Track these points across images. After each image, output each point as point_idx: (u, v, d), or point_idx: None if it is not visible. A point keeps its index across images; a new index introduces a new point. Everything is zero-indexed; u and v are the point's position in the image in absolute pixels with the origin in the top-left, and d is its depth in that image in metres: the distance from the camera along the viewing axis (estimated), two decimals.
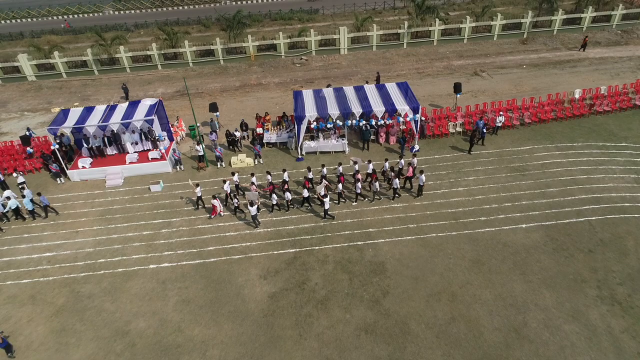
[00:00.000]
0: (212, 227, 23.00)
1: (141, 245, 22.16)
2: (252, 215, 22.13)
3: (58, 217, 24.35)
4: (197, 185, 23.59)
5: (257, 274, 20.16)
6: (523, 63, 39.38)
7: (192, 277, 20.19)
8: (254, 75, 40.43)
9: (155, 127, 27.38)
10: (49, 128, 25.65)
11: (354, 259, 20.56)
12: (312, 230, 22.36)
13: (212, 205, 23.06)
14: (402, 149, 27.40)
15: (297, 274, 20.01)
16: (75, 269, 21.07)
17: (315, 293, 19.04)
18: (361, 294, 18.83)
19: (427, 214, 22.83)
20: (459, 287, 18.85)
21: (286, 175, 23.98)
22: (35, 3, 63.25)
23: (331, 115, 26.36)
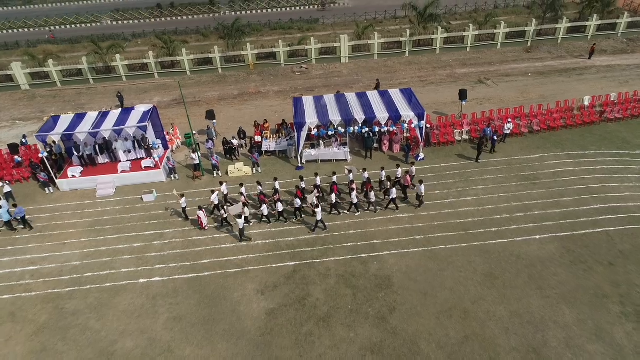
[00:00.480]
0: (207, 238, 21.73)
1: (131, 258, 20.86)
2: (240, 230, 20.85)
3: (45, 228, 23.08)
4: (181, 195, 22.36)
5: (254, 288, 18.83)
6: (528, 71, 38.49)
7: (185, 292, 18.85)
8: (253, 84, 39.50)
9: (149, 134, 26.27)
10: (37, 135, 24.52)
11: (358, 272, 19.26)
12: (313, 241, 21.09)
13: (197, 216, 21.79)
14: (406, 157, 26.26)
15: (297, 288, 18.68)
16: (60, 284, 19.72)
17: (316, 309, 17.70)
18: (366, 311, 17.48)
19: (434, 225, 21.58)
20: (472, 303, 17.51)
21: (277, 184, 22.85)
22: (32, 14, 62.78)
23: (332, 122, 25.27)
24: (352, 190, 21.93)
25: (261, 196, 22.14)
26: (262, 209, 21.74)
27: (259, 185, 22.70)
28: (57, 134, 24.33)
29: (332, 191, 22.49)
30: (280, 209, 21.76)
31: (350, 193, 22.05)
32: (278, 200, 21.89)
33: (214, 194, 22.52)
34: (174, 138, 29.05)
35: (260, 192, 22.39)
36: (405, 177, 22.83)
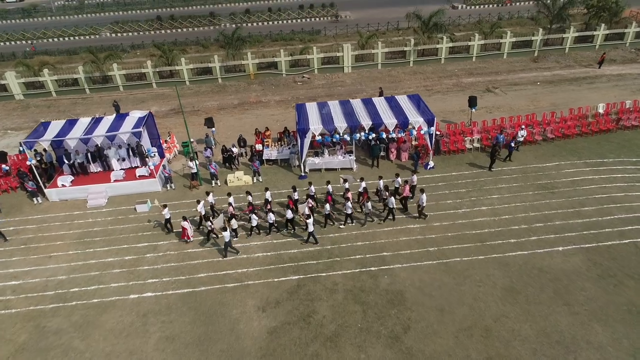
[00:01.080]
0: (204, 251, 20.22)
1: (122, 272, 19.31)
2: (225, 243, 19.33)
3: (30, 240, 21.57)
4: (164, 206, 20.89)
5: (254, 305, 17.25)
6: (537, 80, 37.43)
7: (179, 309, 17.26)
8: (254, 94, 38.38)
9: (144, 141, 24.95)
10: (25, 141, 23.19)
11: (368, 287, 17.70)
12: (318, 254, 19.58)
13: (182, 227, 20.28)
14: (415, 165, 24.90)
15: (302, 305, 17.11)
16: (44, 300, 18.14)
17: (323, 328, 16.10)
18: (378, 329, 15.89)
19: (448, 236, 20.10)
20: (493, 321, 15.93)
21: (268, 194, 21.46)
22: (30, 26, 62.17)
23: (338, 128, 23.97)
24: (347, 200, 20.50)
25: (249, 207, 20.61)
26: (252, 220, 20.28)
27: (248, 195, 21.20)
28: (46, 140, 22.98)
29: (326, 201, 21.03)
30: (271, 220, 20.27)
31: (345, 203, 20.61)
32: (269, 210, 20.44)
33: (200, 203, 21.03)
34: (171, 146, 27.73)
35: (249, 203, 20.90)
36: (404, 187, 21.36)
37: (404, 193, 21.35)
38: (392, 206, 20.52)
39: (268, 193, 21.55)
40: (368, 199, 20.64)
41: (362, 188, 21.40)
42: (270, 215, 20.21)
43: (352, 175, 23.23)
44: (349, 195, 20.85)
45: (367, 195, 20.91)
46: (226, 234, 19.13)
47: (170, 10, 65.93)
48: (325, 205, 20.74)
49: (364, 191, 21.21)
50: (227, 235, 19.16)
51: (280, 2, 68.29)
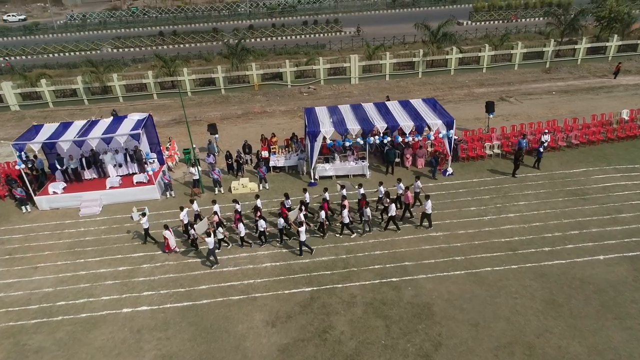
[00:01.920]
0: (206, 261, 18.32)
1: (114, 284, 17.39)
2: (209, 250, 17.48)
3: (15, 250, 19.71)
4: (143, 214, 19.10)
5: (262, 319, 15.30)
6: (551, 90, 36.14)
7: (178, 324, 15.30)
8: (258, 104, 37.02)
9: (143, 146, 23.34)
10: (14, 143, 21.58)
11: (390, 299, 15.78)
12: (332, 264, 17.70)
13: (164, 237, 18.41)
14: (433, 171, 23.26)
15: (316, 319, 15.16)
16: (26, 315, 16.17)
17: (342, 345, 14.13)
18: (404, 346, 13.92)
19: (475, 244, 18.26)
20: (536, 337, 13.97)
21: (259, 202, 19.76)
22: (30, 42, 61.54)
23: (350, 131, 22.40)
24: (344, 208, 18.68)
25: (237, 215, 18.74)
26: (240, 230, 18.44)
27: (235, 203, 19.36)
28: (37, 142, 21.37)
29: (321, 208, 19.16)
30: (261, 228, 18.43)
31: (342, 211, 18.76)
32: (260, 217, 18.61)
33: (183, 210, 19.19)
34: (173, 153, 26.09)
35: (236, 211, 19.00)
36: (406, 195, 19.54)
37: (407, 200, 19.55)
38: (393, 213, 18.72)
39: (258, 201, 19.82)
40: (366, 205, 18.83)
41: (360, 194, 19.56)
42: (261, 222, 18.38)
43: (350, 182, 21.63)
44: (346, 203, 19.02)
45: (364, 202, 19.05)
46: (210, 240, 17.25)
47: (172, 28, 65.39)
48: (320, 212, 18.90)
49: (362, 197, 19.35)
50: (210, 242, 17.28)
51: (283, 19, 67.95)
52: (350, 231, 19.15)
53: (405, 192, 19.60)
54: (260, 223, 18.38)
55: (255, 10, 74.39)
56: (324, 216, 18.87)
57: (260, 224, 18.38)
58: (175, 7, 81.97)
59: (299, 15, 69.25)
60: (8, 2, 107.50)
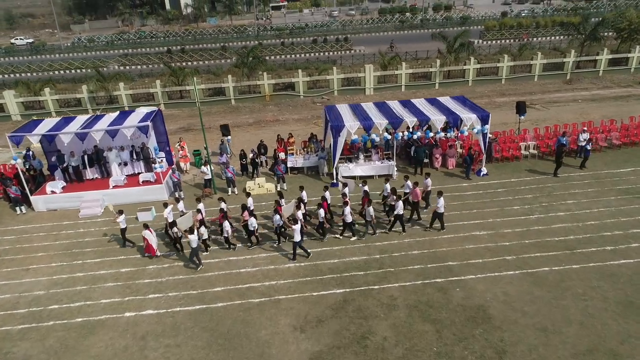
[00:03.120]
0: (220, 262, 16.14)
1: (116, 286, 15.16)
2: (192, 250, 15.37)
3: (5, 252, 17.57)
4: (120, 212, 16.84)
5: (289, 324, 13.02)
6: (576, 99, 34.56)
7: (189, 330, 13.01)
8: (270, 113, 35.44)
9: (151, 143, 21.51)
10: (12, 135, 19.75)
11: (437, 302, 13.52)
12: (365, 264, 15.50)
13: (144, 238, 16.16)
14: (467, 170, 21.29)
15: (353, 324, 12.87)
16: (11, 320, 13.90)
17: (386, 353, 11.81)
18: (461, 354, 11.60)
19: (525, 244, 16.08)
20: (619, 343, 11.66)
21: (250, 200, 17.67)
22: (36, 60, 60.91)
23: (377, 125, 20.57)
24: (346, 205, 16.48)
25: (220, 214, 16.57)
26: (226, 228, 16.24)
27: (222, 202, 17.29)
28: (36, 134, 19.56)
29: (319, 207, 16.87)
30: (253, 226, 16.21)
31: (344, 208, 16.54)
32: (250, 214, 16.44)
33: (167, 207, 17.08)
34: (188, 154, 24.19)
35: (221, 210, 16.86)
36: (414, 191, 17.40)
37: (415, 197, 17.44)
38: (400, 212, 16.58)
39: (250, 199, 17.73)
40: (369, 203, 16.66)
41: (363, 191, 17.46)
42: (252, 221, 16.21)
43: (354, 181, 19.73)
44: (348, 199, 16.95)
45: (367, 199, 16.80)
46: (193, 238, 15.16)
47: (180, 47, 64.88)
48: (318, 211, 16.72)
49: (365, 195, 17.15)
50: (194, 240, 15.19)
51: (292, 40, 67.52)
52: (351, 233, 16.96)
53: (413, 189, 17.53)
54: (251, 221, 16.18)
55: (263, 32, 74.27)
56: (323, 215, 16.67)
57: (251, 222, 16.16)
58: (183, 30, 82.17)
59: (308, 36, 68.87)
60: (17, 29, 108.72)
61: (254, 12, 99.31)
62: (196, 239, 15.33)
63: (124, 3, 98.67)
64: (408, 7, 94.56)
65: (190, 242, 15.32)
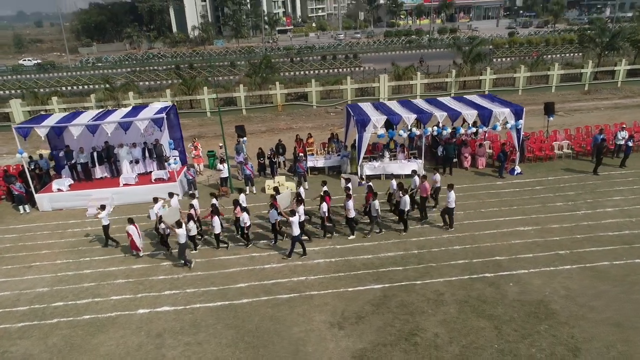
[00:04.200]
0: (242, 257, 14.69)
1: (127, 283, 13.68)
2: (180, 247, 13.88)
3: (6, 250, 16.14)
4: (102, 207, 15.38)
5: (324, 320, 11.49)
6: (598, 107, 33.58)
7: (211, 327, 11.48)
8: (283, 122, 34.48)
9: (165, 140, 20.35)
10: (18, 126, 18.64)
11: (490, 297, 12.01)
12: (403, 260, 14.03)
13: (127, 234, 14.65)
14: (501, 169, 20.00)
15: (397, 320, 11.34)
16: (11, 317, 12.38)
17: (440, 350, 10.26)
18: (529, 351, 10.04)
19: (577, 238, 14.64)
20: None
21: (242, 197, 16.26)
22: (44, 77, 60.62)
23: (405, 119, 19.42)
24: (349, 199, 15.05)
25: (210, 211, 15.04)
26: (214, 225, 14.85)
27: (213, 198, 15.95)
28: (45, 126, 18.41)
29: (322, 201, 15.37)
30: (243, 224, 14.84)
31: (347, 202, 15.05)
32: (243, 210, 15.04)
33: (158, 203, 15.69)
34: (201, 154, 23.05)
35: (212, 205, 15.28)
36: (423, 185, 16.02)
37: (423, 192, 16.03)
38: (406, 208, 15.13)
39: (242, 195, 16.30)
40: (375, 197, 15.28)
41: (367, 187, 16.08)
42: (244, 216, 14.79)
43: (357, 177, 18.69)
44: (351, 192, 15.62)
45: (371, 195, 15.40)
46: (181, 232, 13.66)
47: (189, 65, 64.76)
48: (321, 205, 15.26)
49: (369, 190, 15.78)
50: (182, 235, 13.71)
51: (302, 57, 67.45)
52: (350, 231, 15.48)
53: (422, 182, 16.13)
54: (244, 216, 14.74)
55: (271, 52, 74.40)
56: (326, 209, 15.22)
57: (243, 217, 14.75)
58: (190, 51, 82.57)
59: (317, 55, 68.85)
60: (26, 52, 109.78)
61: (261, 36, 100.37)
62: (184, 234, 13.79)
63: (132, 26, 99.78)
64: (413, 31, 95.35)
65: (177, 238, 13.77)
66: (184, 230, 13.83)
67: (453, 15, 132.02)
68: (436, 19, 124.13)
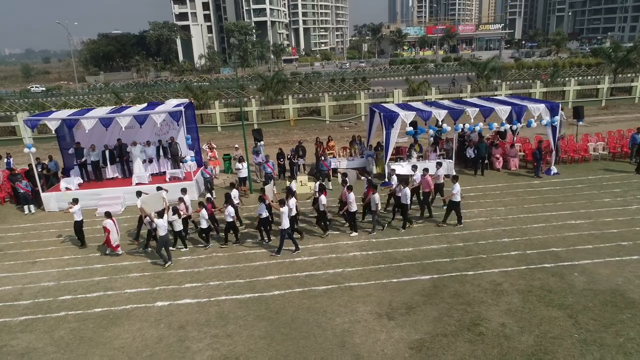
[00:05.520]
0: (268, 251, 13.34)
1: (142, 276, 12.29)
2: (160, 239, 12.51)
3: (8, 247, 14.81)
4: (75, 201, 14.23)
5: (370, 311, 10.07)
6: (619, 120, 32.72)
7: (241, 319, 10.05)
8: (296, 135, 33.58)
9: (180, 138, 19.32)
10: (28, 119, 17.68)
11: (555, 286, 10.61)
12: (448, 252, 12.68)
13: (104, 229, 13.21)
14: (537, 168, 18.84)
15: (454, 310, 9.93)
16: (12, 311, 10.95)
17: (511, 340, 8.82)
18: (615, 341, 8.62)
19: (637, 230, 13.32)
20: None
21: (234, 192, 14.96)
22: (51, 100, 60.31)
23: (435, 114, 18.41)
24: (349, 191, 13.75)
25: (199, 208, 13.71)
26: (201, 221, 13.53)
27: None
28: (55, 118, 17.42)
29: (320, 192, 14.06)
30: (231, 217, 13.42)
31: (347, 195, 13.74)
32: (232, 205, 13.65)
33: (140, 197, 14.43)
34: (217, 157, 21.99)
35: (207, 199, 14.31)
36: (425, 179, 14.88)
37: (427, 187, 14.85)
38: (407, 202, 13.89)
39: (234, 191, 14.99)
40: (375, 189, 14.12)
41: (367, 181, 14.80)
42: (230, 210, 13.41)
43: (355, 172, 17.90)
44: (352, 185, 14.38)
45: (372, 190, 14.02)
46: (160, 223, 12.34)
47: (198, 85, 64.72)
48: (319, 198, 13.87)
49: (369, 184, 14.42)
50: (161, 227, 12.35)
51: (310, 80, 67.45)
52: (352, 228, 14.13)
53: (424, 176, 14.96)
54: (229, 210, 13.37)
55: None
56: (325, 202, 13.92)
57: (229, 211, 13.36)
58: (197, 78, 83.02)
59: (324, 80, 68.87)
60: (34, 81, 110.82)
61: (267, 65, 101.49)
62: (165, 226, 12.44)
63: (140, 55, 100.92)
64: (418, 60, 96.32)
65: (157, 229, 12.41)
66: (164, 222, 12.45)
67: (455, 46, 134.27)
68: (439, 50, 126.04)
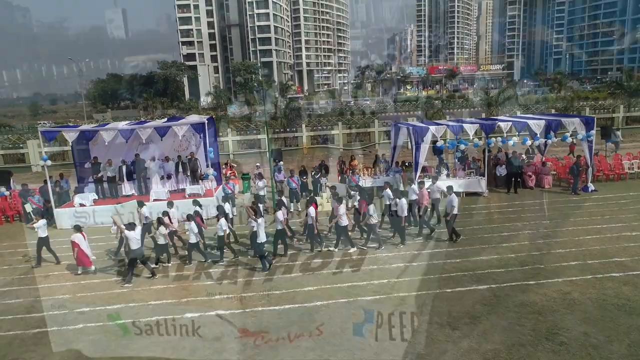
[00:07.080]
0: (302, 263, 12.27)
1: (166, 288, 11.21)
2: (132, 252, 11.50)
3: (16, 262, 13.75)
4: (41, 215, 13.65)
5: (428, 320, 8.95)
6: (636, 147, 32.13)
7: (283, 329, 8.91)
8: (311, 162, 32.96)
9: (200, 154, 18.59)
10: (45, 130, 17.01)
11: (632, 295, 9.54)
12: (500, 262, 11.62)
13: (72, 244, 12.22)
14: (574, 184, 17.96)
15: (525, 319, 8.82)
16: (23, 324, 9.80)
17: (601, 350, 7.71)
18: None
19: None
20: None
21: (227, 206, 14.34)
22: None
23: (466, 129, 17.74)
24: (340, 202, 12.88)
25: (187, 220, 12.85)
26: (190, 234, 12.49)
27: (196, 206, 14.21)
28: (73, 130, 16.76)
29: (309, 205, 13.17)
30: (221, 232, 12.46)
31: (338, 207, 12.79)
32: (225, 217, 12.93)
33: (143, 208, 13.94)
34: (237, 175, 21.22)
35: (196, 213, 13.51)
36: (422, 193, 14.08)
37: (422, 201, 13.97)
38: (404, 214, 12.78)
39: (227, 205, 14.35)
40: (371, 200, 13.26)
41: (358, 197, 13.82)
42: (222, 222, 12.50)
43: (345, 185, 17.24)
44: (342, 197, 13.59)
45: (365, 202, 12.93)
46: (132, 236, 11.37)
47: None
48: (308, 210, 12.85)
49: (362, 198, 13.47)
50: (133, 239, 11.39)
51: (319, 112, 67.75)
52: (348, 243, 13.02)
53: (420, 190, 14.14)
54: (221, 223, 12.47)
55: None
56: (314, 215, 12.78)
57: (220, 224, 12.46)
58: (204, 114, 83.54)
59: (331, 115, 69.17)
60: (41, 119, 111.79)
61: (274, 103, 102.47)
62: (136, 239, 11.46)
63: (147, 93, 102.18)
64: (423, 97, 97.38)
65: (128, 242, 11.42)
66: (135, 234, 11.47)
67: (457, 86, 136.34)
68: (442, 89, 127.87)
